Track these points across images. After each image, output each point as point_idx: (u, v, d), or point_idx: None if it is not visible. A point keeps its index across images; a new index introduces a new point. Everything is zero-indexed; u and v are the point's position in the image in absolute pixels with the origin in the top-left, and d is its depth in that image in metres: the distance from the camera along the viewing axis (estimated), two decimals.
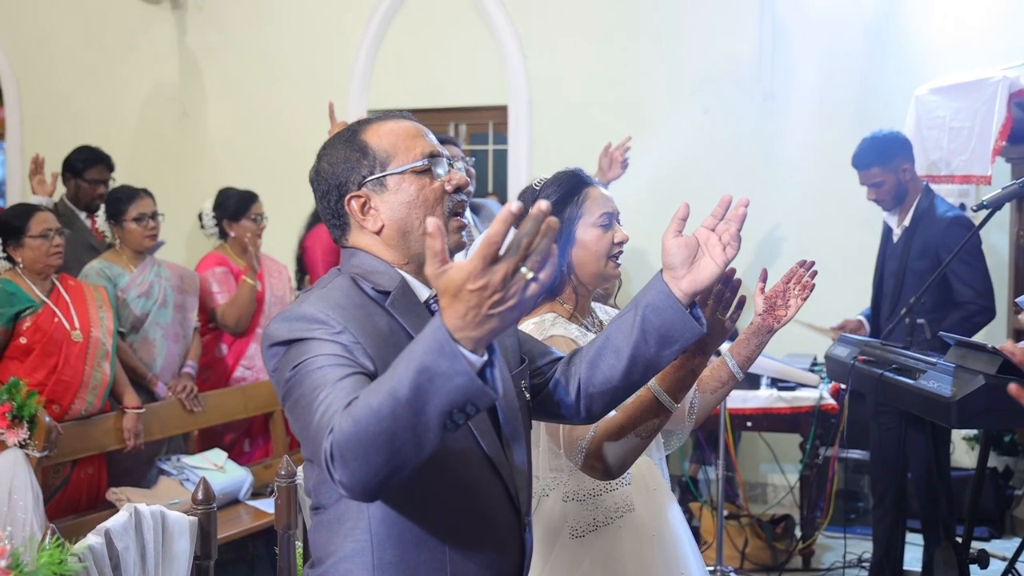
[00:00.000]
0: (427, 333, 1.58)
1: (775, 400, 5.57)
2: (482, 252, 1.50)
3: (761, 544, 5.68)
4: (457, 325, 1.55)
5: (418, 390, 1.57)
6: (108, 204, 5.17)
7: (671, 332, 2.06)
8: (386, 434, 1.61)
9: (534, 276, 1.54)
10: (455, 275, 1.53)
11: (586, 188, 2.69)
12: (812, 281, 2.60)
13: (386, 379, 1.62)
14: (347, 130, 2.13)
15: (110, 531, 2.44)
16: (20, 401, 4.21)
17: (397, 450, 1.63)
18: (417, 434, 1.61)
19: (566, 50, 7.20)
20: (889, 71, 6.42)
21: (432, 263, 1.55)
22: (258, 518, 4.98)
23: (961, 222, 4.92)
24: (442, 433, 1.62)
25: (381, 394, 1.61)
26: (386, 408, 1.60)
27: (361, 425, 1.63)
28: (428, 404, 1.58)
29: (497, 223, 1.50)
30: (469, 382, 1.55)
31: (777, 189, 6.59)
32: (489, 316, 1.54)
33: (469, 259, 1.52)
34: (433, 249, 1.54)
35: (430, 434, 1.61)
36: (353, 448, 1.64)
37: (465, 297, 1.53)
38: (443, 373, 1.55)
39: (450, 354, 1.55)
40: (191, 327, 5.33)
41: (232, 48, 8.03)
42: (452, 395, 1.57)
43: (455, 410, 1.58)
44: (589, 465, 2.43)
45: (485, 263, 1.51)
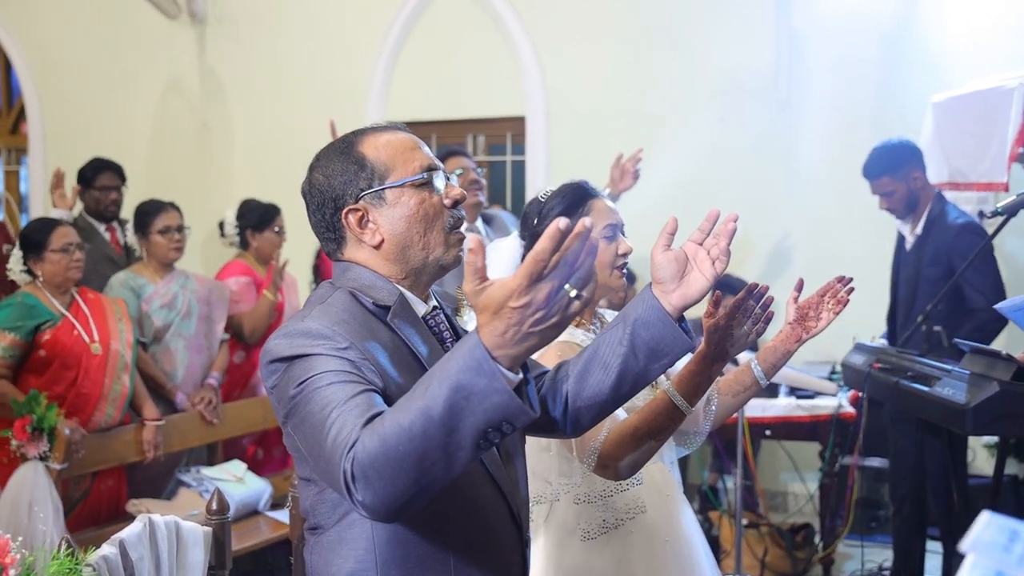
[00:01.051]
0: (463, 351, 1.56)
1: (794, 408, 5.56)
2: (528, 269, 1.49)
3: (781, 553, 5.66)
4: (496, 343, 1.54)
5: (453, 408, 1.55)
6: (136, 217, 5.24)
7: (661, 347, 2.03)
8: (416, 453, 1.59)
9: (577, 293, 1.54)
10: (496, 292, 1.52)
11: (591, 200, 2.69)
12: (847, 297, 2.61)
13: (416, 397, 1.60)
14: (341, 142, 2.09)
15: (124, 541, 2.44)
16: (40, 414, 4.25)
17: (426, 470, 1.61)
18: (449, 453, 1.60)
19: (583, 61, 7.22)
20: (906, 79, 6.40)
21: (472, 280, 1.54)
22: (277, 529, 5.00)
23: (972, 228, 4.91)
24: (475, 453, 1.61)
25: (412, 412, 1.59)
26: (418, 427, 1.58)
27: (390, 444, 1.60)
28: (463, 423, 1.56)
29: (545, 240, 1.48)
30: (508, 400, 1.54)
31: (793, 198, 6.59)
32: (530, 334, 1.53)
33: (512, 276, 1.51)
34: (474, 266, 1.53)
35: (462, 453, 1.60)
36: (379, 468, 1.62)
37: (506, 315, 1.52)
38: (480, 391, 1.54)
39: (488, 372, 1.53)
40: (217, 339, 5.37)
41: (251, 61, 8.08)
42: (489, 414, 1.55)
43: (491, 429, 1.57)
44: (602, 466, 2.44)
45: (531, 280, 1.50)
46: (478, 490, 1.98)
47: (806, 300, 2.63)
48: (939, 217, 4.93)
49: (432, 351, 2.01)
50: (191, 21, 8.13)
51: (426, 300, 2.08)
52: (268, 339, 1.94)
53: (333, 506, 1.96)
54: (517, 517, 2.07)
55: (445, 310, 2.13)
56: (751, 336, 2.38)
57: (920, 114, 5.71)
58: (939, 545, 5.23)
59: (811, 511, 6.29)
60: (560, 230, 1.48)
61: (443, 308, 2.12)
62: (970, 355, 3.73)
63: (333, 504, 1.96)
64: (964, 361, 3.72)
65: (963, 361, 3.73)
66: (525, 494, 2.15)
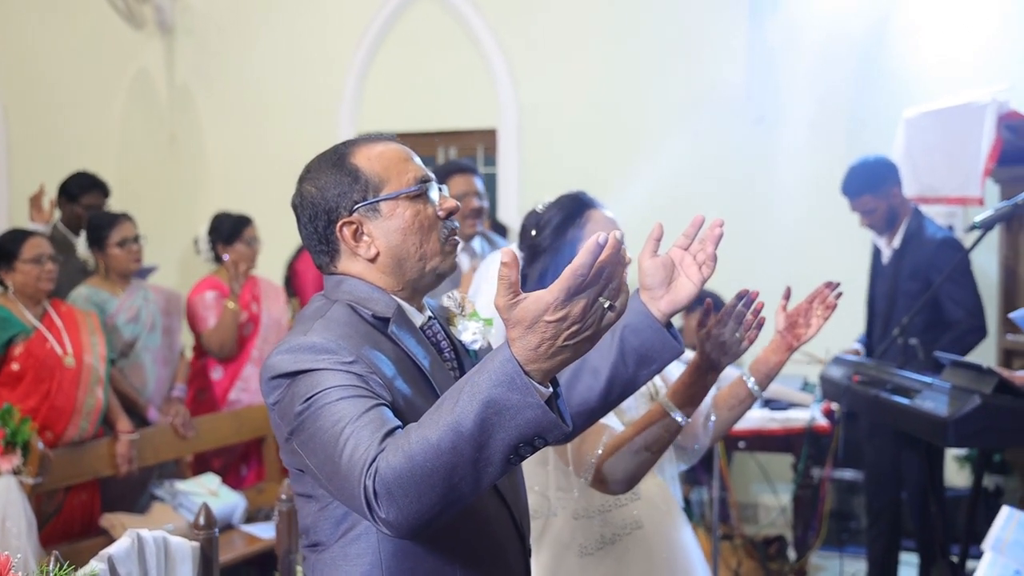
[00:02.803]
0: (493, 365, 1.56)
1: (767, 421, 5.57)
2: (567, 283, 1.49)
3: (755, 565, 5.67)
4: (529, 357, 1.54)
5: (484, 424, 1.55)
6: (89, 231, 5.13)
7: (650, 352, 2.06)
8: (445, 469, 1.58)
9: (611, 305, 1.54)
10: (531, 306, 1.52)
11: (588, 210, 2.69)
12: (835, 302, 2.62)
13: (444, 412, 1.59)
14: (333, 153, 2.06)
15: (112, 557, 2.41)
16: (13, 427, 4.19)
17: (454, 486, 1.60)
18: (478, 469, 1.59)
19: (556, 75, 7.23)
20: (879, 95, 6.46)
21: (505, 293, 1.53)
22: (251, 543, 4.97)
23: (951, 243, 4.96)
24: (504, 468, 1.60)
25: (441, 428, 1.58)
26: (446, 442, 1.57)
27: (417, 460, 1.59)
28: (494, 438, 1.56)
29: (585, 254, 1.49)
30: (542, 415, 1.54)
31: (767, 212, 6.63)
32: (564, 347, 1.53)
33: (549, 290, 1.51)
34: (508, 279, 1.52)
35: (491, 468, 1.60)
36: (405, 484, 1.61)
37: (541, 328, 1.52)
38: (513, 406, 1.54)
39: (521, 387, 1.53)
40: (178, 350, 5.33)
41: (221, 72, 8.04)
42: (522, 428, 1.55)
43: (523, 444, 1.57)
44: (599, 480, 2.43)
45: (568, 294, 1.50)
46: (483, 500, 1.96)
47: (795, 308, 2.63)
48: (917, 232, 4.97)
49: (433, 361, 2.00)
50: (159, 31, 8.07)
51: (421, 311, 2.07)
52: (270, 355, 1.91)
53: (336, 522, 1.94)
54: (519, 526, 2.07)
55: (439, 320, 2.12)
56: (743, 343, 2.37)
57: (891, 129, 5.76)
58: (912, 556, 5.28)
59: (783, 523, 6.32)
60: (599, 244, 1.48)
61: (437, 318, 2.11)
62: (951, 368, 3.76)
63: (336, 520, 1.94)
64: (945, 374, 3.75)
65: (944, 374, 3.76)
66: (525, 502, 2.15)
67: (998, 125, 4.89)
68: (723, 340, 2.34)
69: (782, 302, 2.63)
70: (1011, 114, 4.92)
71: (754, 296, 2.37)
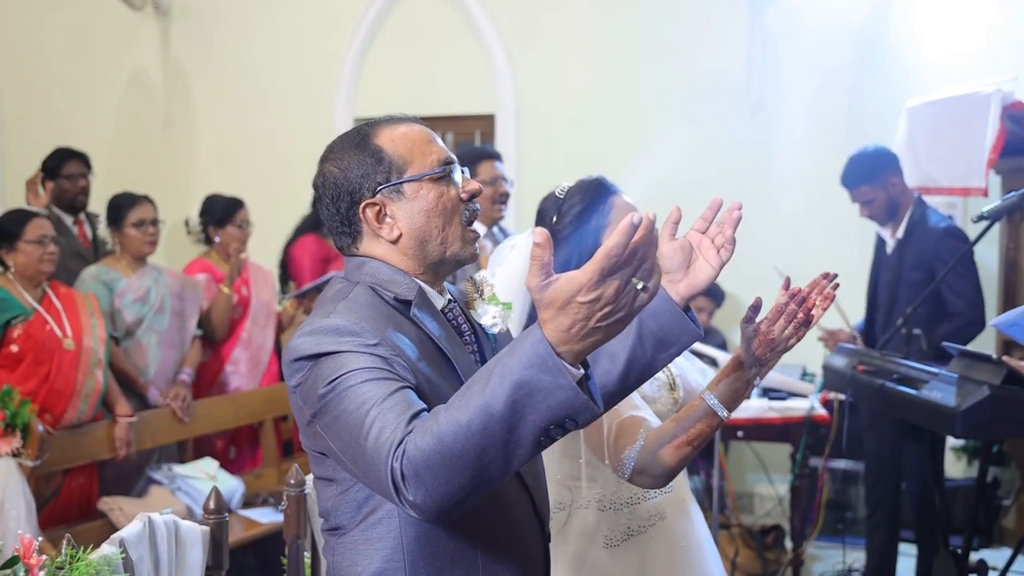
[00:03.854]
0: (524, 346, 1.54)
1: (766, 410, 5.56)
2: (601, 264, 1.48)
3: (751, 554, 5.68)
4: (561, 338, 1.52)
5: (515, 405, 1.54)
6: (109, 210, 5.16)
7: (668, 336, 2.04)
8: (475, 451, 1.57)
9: (644, 286, 1.53)
10: (564, 287, 1.50)
11: (611, 197, 2.65)
12: (833, 293, 2.59)
13: (474, 394, 1.58)
14: (355, 134, 2.03)
15: (124, 540, 2.40)
16: (13, 410, 4.16)
17: (484, 468, 1.59)
18: (508, 451, 1.58)
19: (554, 60, 7.21)
20: (879, 84, 6.45)
21: (537, 274, 1.51)
22: (250, 528, 4.95)
23: (954, 233, 4.95)
24: (534, 450, 1.59)
25: (471, 409, 1.57)
26: (476, 424, 1.56)
27: (446, 443, 1.58)
28: (524, 420, 1.55)
29: (619, 235, 1.47)
30: (574, 397, 1.53)
31: (767, 200, 6.60)
32: (596, 328, 1.52)
33: (582, 271, 1.49)
34: (541, 260, 1.51)
35: (521, 451, 1.58)
36: (434, 467, 1.59)
37: (574, 309, 1.50)
38: (545, 388, 1.52)
39: (553, 368, 1.52)
40: (189, 335, 5.30)
41: (217, 56, 7.98)
42: (553, 410, 1.54)
43: (553, 425, 1.55)
44: (638, 473, 2.40)
45: (602, 275, 1.48)
46: (504, 485, 1.93)
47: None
48: (921, 221, 4.95)
49: (455, 344, 1.99)
50: (155, 13, 8.01)
51: (441, 294, 2.06)
52: (293, 337, 1.89)
53: (357, 506, 1.93)
54: (539, 512, 2.06)
55: (459, 303, 2.10)
56: (792, 340, 2.31)
57: (892, 118, 5.75)
58: (910, 547, 5.29)
59: (779, 512, 6.33)
60: (633, 224, 1.47)
61: (457, 301, 2.10)
62: (958, 359, 3.76)
63: (357, 504, 1.93)
64: (952, 364, 3.74)
65: (951, 364, 3.75)
66: (546, 489, 2.14)
67: (1002, 116, 4.88)
68: (772, 337, 2.29)
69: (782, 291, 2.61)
70: (1015, 104, 4.91)
71: (805, 294, 2.32)
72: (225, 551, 2.73)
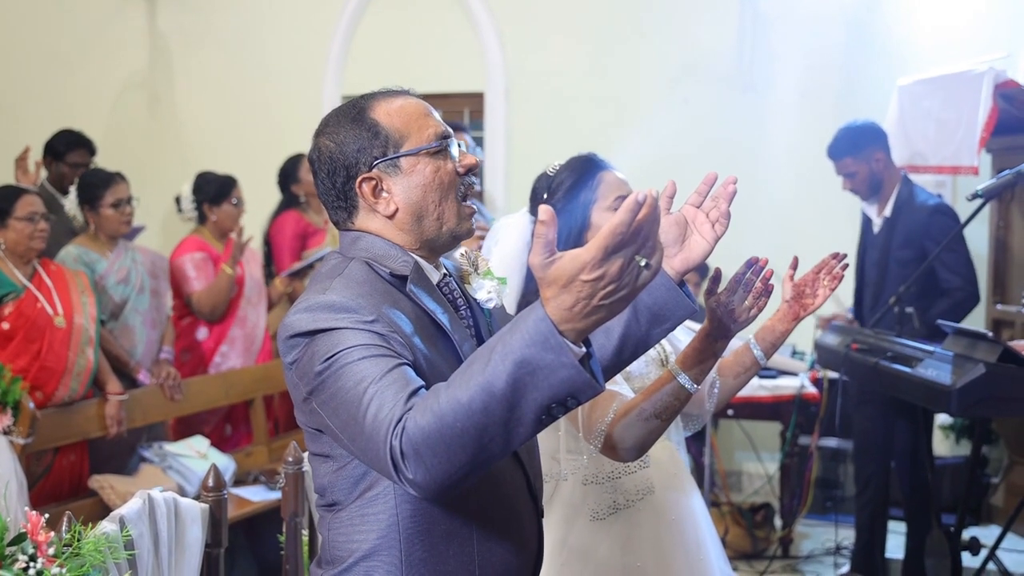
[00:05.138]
0: (526, 324, 1.53)
1: (756, 388, 5.58)
2: (605, 242, 1.47)
3: (741, 532, 5.70)
4: (563, 316, 1.51)
5: (517, 384, 1.53)
6: (82, 189, 5.04)
7: (663, 311, 2.04)
8: (476, 429, 1.57)
9: (647, 263, 1.52)
10: (567, 265, 1.49)
11: (600, 172, 2.68)
12: (842, 273, 2.61)
13: (475, 372, 1.57)
14: (350, 107, 2.01)
15: (124, 518, 2.39)
16: (4, 387, 4.14)
17: (484, 446, 1.59)
18: (509, 429, 1.57)
19: (545, 38, 7.18)
20: (871, 63, 6.45)
21: (541, 252, 1.50)
22: (241, 506, 4.93)
23: (944, 211, 4.96)
24: (535, 429, 1.59)
25: (471, 388, 1.56)
26: (478, 402, 1.55)
27: (447, 421, 1.57)
28: (526, 398, 1.54)
29: (624, 212, 1.45)
30: (576, 375, 1.52)
31: (758, 180, 6.60)
32: (599, 307, 1.51)
33: (586, 248, 1.48)
34: (545, 238, 1.49)
35: (522, 429, 1.58)
36: (434, 444, 1.59)
37: (577, 288, 1.49)
38: (547, 366, 1.51)
39: (556, 347, 1.51)
40: (165, 312, 5.28)
41: (204, 32, 7.92)
42: (555, 389, 1.53)
43: (555, 404, 1.55)
44: (608, 447, 2.42)
45: (606, 253, 1.47)
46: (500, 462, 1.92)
47: (802, 278, 2.63)
48: (908, 200, 4.96)
49: (452, 319, 1.98)
50: None
51: (437, 268, 2.05)
52: (288, 313, 1.88)
53: (354, 482, 1.93)
54: (533, 488, 2.06)
55: (455, 277, 2.10)
56: (753, 311, 2.36)
57: (884, 97, 5.75)
58: (898, 524, 5.32)
59: (768, 491, 6.35)
60: (638, 202, 1.46)
61: (452, 275, 2.09)
62: (953, 336, 3.77)
63: (354, 480, 1.92)
64: (947, 342, 3.76)
65: (946, 342, 3.77)
66: (539, 464, 2.14)
67: (994, 94, 4.88)
68: (732, 308, 2.32)
69: (789, 272, 2.63)
70: (1008, 83, 4.91)
71: (763, 263, 2.35)
72: (224, 529, 2.72)
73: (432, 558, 1.90)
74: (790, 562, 5.64)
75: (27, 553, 1.84)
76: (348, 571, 1.94)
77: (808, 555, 5.72)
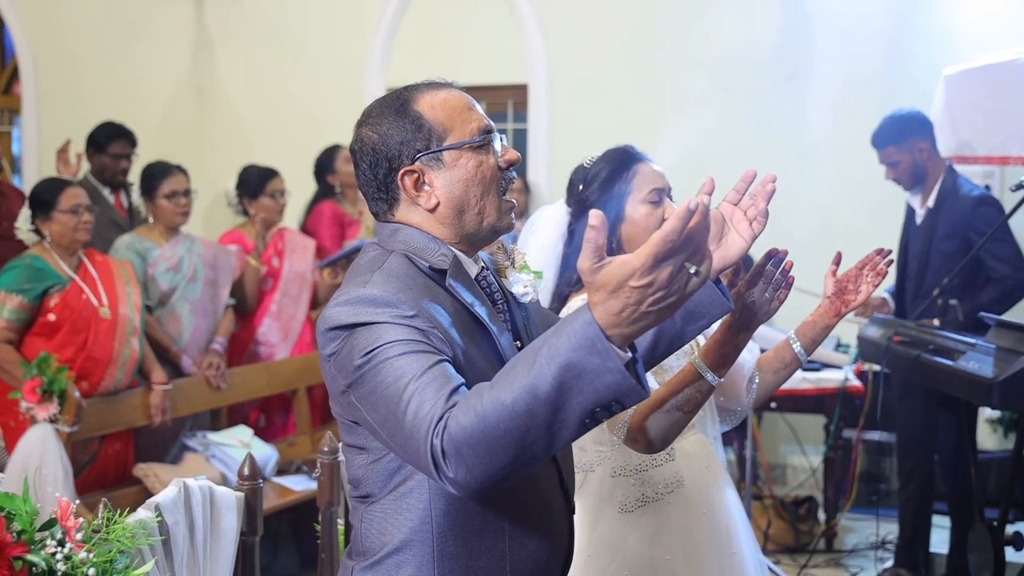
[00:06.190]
0: (574, 328, 1.53)
1: (800, 381, 5.54)
2: (656, 249, 1.47)
3: (784, 525, 5.67)
4: (611, 322, 1.51)
5: (562, 387, 1.53)
6: (142, 180, 5.19)
7: (699, 308, 2.03)
8: (519, 431, 1.57)
9: (696, 270, 1.52)
10: (616, 271, 1.49)
11: (636, 164, 2.66)
12: (886, 269, 2.57)
13: (520, 374, 1.57)
14: (394, 98, 1.99)
15: (160, 505, 2.42)
16: (50, 376, 4.20)
17: (526, 448, 1.59)
18: (552, 432, 1.57)
19: (587, 29, 7.16)
20: (915, 52, 6.38)
21: (590, 256, 1.50)
22: (283, 495, 4.98)
23: (988, 201, 4.90)
24: (579, 432, 1.58)
25: (516, 390, 1.56)
26: (522, 404, 1.55)
27: (489, 422, 1.57)
28: (570, 401, 1.54)
29: (676, 220, 1.46)
30: (622, 380, 1.52)
31: (799, 170, 6.55)
32: (647, 313, 1.51)
33: (636, 255, 1.48)
34: (595, 242, 1.49)
35: (565, 432, 1.58)
36: (476, 445, 1.59)
37: (625, 293, 1.49)
38: (593, 370, 1.51)
39: (602, 352, 1.51)
40: (222, 303, 5.33)
41: (249, 24, 7.98)
42: (600, 393, 1.53)
43: (600, 408, 1.55)
44: (632, 439, 2.41)
45: (656, 260, 1.47)
46: None
47: (845, 273, 2.59)
48: (952, 190, 4.91)
49: (489, 312, 1.97)
50: None
51: (475, 261, 2.05)
52: (327, 306, 1.88)
53: (388, 475, 1.92)
54: (565, 484, 2.05)
55: (491, 270, 2.10)
56: (774, 303, 2.32)
57: (928, 86, 5.67)
58: (943, 519, 5.26)
59: (812, 484, 6.31)
60: (690, 210, 1.45)
61: (488, 268, 2.09)
62: (995, 329, 3.73)
63: (388, 473, 1.92)
64: (990, 335, 3.71)
65: (988, 335, 3.72)
66: (572, 459, 2.13)
67: None
68: (753, 300, 2.29)
69: (832, 267, 2.59)
70: None
71: (783, 255, 2.32)
72: (259, 517, 2.75)
73: (464, 553, 1.90)
74: (833, 556, 5.60)
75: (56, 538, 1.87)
76: (379, 563, 1.94)
77: (852, 549, 5.68)
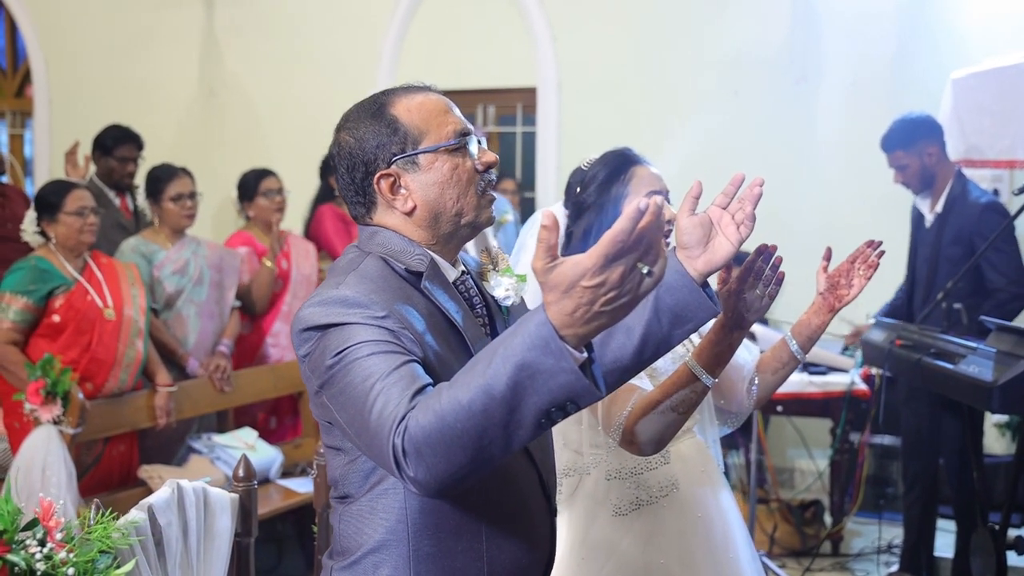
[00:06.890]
0: (528, 328, 1.54)
1: (806, 385, 5.53)
2: (606, 249, 1.47)
3: (790, 529, 5.65)
4: (564, 322, 1.51)
5: (517, 387, 1.54)
6: (148, 182, 5.19)
7: (685, 312, 2.02)
8: (476, 431, 1.58)
9: (649, 271, 1.52)
10: (568, 271, 1.50)
11: (633, 166, 2.64)
12: (878, 261, 2.56)
13: (477, 374, 1.58)
14: (371, 103, 2.01)
15: (153, 507, 2.42)
16: (54, 378, 4.21)
17: (484, 447, 1.59)
18: (508, 432, 1.58)
19: (595, 32, 7.17)
20: (923, 54, 6.36)
21: (543, 257, 1.51)
22: (288, 497, 4.99)
23: (996, 208, 4.88)
24: (535, 432, 1.59)
25: (472, 389, 1.57)
26: (478, 404, 1.56)
27: (447, 421, 1.58)
28: (526, 402, 1.55)
29: (625, 220, 1.46)
30: (575, 380, 1.52)
31: (808, 172, 6.55)
32: (600, 313, 1.51)
33: (587, 255, 1.49)
34: (547, 243, 1.50)
35: (522, 432, 1.58)
36: (434, 444, 1.60)
37: (578, 293, 1.50)
38: (547, 370, 1.52)
39: (556, 352, 1.51)
40: (228, 306, 5.34)
41: (259, 27, 8.01)
42: (555, 393, 1.53)
43: (554, 408, 1.55)
44: (627, 441, 2.41)
45: (607, 260, 1.48)
46: (511, 459, 1.91)
47: (836, 268, 2.58)
48: (961, 195, 4.89)
49: (466, 317, 1.98)
50: None
51: (455, 265, 2.05)
52: (302, 307, 1.90)
53: (364, 476, 1.94)
54: (546, 486, 2.06)
55: (473, 275, 2.10)
56: (765, 300, 2.31)
57: (936, 89, 5.66)
58: (949, 523, 5.24)
59: (818, 487, 6.29)
60: (639, 210, 1.46)
61: (471, 273, 2.09)
62: (996, 333, 3.71)
63: (364, 474, 1.94)
64: (990, 339, 3.70)
65: (989, 339, 3.71)
66: (553, 462, 2.14)
67: None
68: (744, 297, 2.28)
69: (823, 263, 2.58)
70: None
71: (773, 250, 2.31)
72: (254, 518, 2.75)
73: (440, 553, 1.91)
74: (839, 560, 5.58)
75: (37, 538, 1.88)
76: (357, 563, 1.96)
77: (858, 553, 5.66)
